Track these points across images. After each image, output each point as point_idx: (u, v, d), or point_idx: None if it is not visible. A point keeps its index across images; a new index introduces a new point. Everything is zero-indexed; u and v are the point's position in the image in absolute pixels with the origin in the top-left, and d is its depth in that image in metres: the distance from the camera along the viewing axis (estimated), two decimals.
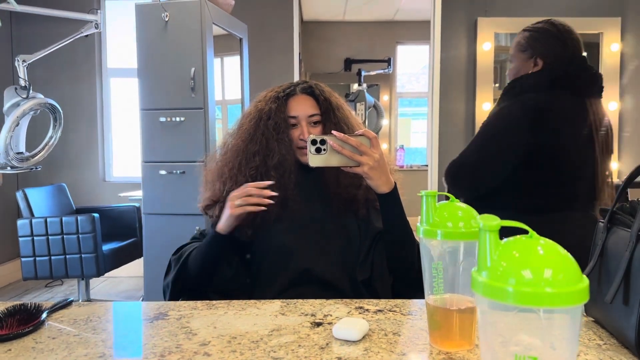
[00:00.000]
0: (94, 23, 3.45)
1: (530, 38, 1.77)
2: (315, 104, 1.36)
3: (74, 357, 0.80)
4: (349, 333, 0.85)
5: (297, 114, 1.34)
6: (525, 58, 1.78)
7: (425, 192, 0.82)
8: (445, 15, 3.97)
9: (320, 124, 1.35)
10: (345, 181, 1.30)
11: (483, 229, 0.52)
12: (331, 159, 1.14)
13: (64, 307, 1.04)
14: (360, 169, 1.14)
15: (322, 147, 1.13)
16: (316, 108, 1.35)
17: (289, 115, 1.34)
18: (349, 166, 1.14)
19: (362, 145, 1.13)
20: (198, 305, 1.04)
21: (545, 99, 1.65)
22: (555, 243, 0.52)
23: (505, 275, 0.50)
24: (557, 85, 1.65)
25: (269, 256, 1.29)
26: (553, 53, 1.72)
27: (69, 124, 4.26)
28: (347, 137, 1.13)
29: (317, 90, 1.37)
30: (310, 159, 1.14)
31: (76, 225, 3.21)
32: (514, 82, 1.77)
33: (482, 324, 0.55)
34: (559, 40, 1.73)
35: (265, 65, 4.28)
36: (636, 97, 3.99)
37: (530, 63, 1.76)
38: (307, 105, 1.35)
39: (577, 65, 1.71)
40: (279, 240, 1.29)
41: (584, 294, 0.49)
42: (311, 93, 1.37)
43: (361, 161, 1.13)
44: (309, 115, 1.34)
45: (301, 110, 1.34)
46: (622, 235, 0.83)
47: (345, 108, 1.40)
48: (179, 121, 2.86)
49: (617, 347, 0.81)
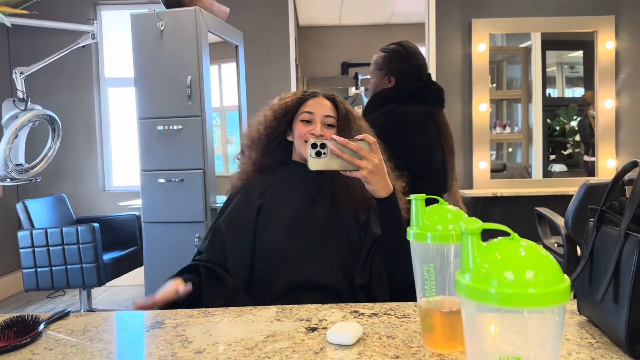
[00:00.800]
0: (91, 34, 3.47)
1: (385, 58, 2.07)
2: (334, 108, 1.40)
3: None
4: (342, 337, 0.85)
5: (314, 110, 1.38)
6: (381, 75, 2.08)
7: (414, 195, 0.83)
8: (439, 17, 3.99)
9: (334, 128, 1.38)
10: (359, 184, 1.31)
11: (465, 232, 0.53)
12: (331, 162, 1.15)
13: (62, 318, 1.05)
14: (359, 173, 1.15)
15: (322, 150, 1.14)
16: (334, 111, 1.40)
17: (305, 111, 1.38)
18: (349, 170, 1.15)
19: (361, 150, 1.14)
20: (194, 313, 1.05)
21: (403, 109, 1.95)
22: (537, 244, 0.53)
23: (488, 277, 0.51)
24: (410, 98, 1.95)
25: (269, 259, 1.30)
26: (403, 72, 2.04)
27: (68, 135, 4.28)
28: (347, 141, 1.14)
29: (338, 99, 1.43)
30: (310, 163, 1.15)
31: (77, 236, 3.22)
32: (376, 96, 2.08)
33: (467, 326, 0.55)
34: (407, 61, 2.04)
35: (263, 71, 4.29)
36: (632, 94, 4.00)
37: (385, 80, 2.07)
38: (326, 106, 1.40)
39: (425, 82, 2.06)
40: (279, 244, 1.30)
41: (565, 294, 0.49)
42: (332, 100, 1.43)
43: (361, 165, 1.14)
44: (325, 115, 1.38)
45: (318, 108, 1.39)
46: (611, 233, 0.84)
47: (364, 124, 1.44)
48: (177, 129, 2.87)
49: (609, 345, 0.82)
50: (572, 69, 4.60)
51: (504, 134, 4.41)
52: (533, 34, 4.19)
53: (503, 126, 4.40)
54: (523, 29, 4.14)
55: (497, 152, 4.49)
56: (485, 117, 4.05)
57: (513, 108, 4.56)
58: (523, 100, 4.39)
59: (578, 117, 4.35)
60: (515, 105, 4.53)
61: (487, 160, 4.05)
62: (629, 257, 0.76)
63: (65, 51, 3.49)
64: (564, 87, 4.61)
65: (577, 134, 4.39)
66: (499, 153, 4.53)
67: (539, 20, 4.03)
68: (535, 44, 4.22)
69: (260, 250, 1.31)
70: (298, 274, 1.27)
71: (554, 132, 4.43)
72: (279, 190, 1.37)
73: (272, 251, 1.30)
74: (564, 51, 4.58)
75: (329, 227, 1.32)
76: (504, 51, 4.54)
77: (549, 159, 4.41)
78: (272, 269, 1.29)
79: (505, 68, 4.63)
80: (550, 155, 4.43)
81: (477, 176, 4.04)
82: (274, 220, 1.32)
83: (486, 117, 4.06)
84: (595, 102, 4.06)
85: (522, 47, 4.40)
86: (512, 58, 4.56)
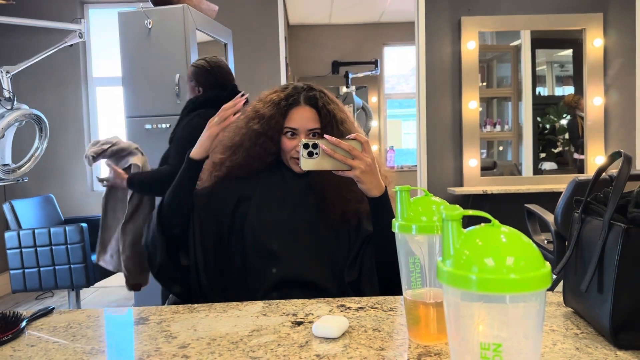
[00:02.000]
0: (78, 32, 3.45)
1: (193, 72, 2.42)
2: (317, 117, 1.34)
3: None
4: (328, 330, 0.85)
5: (298, 126, 1.33)
6: (192, 86, 2.44)
7: (400, 187, 0.83)
8: (429, 15, 3.99)
9: (319, 135, 1.34)
10: (349, 195, 1.30)
11: (446, 219, 0.53)
12: (323, 163, 1.14)
13: (45, 315, 1.04)
14: (352, 172, 1.14)
15: (315, 151, 1.13)
16: (317, 122, 1.34)
17: (289, 127, 1.34)
18: (341, 170, 1.14)
19: (354, 149, 1.13)
20: (179, 309, 1.04)
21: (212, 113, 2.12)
22: (518, 231, 0.52)
23: (469, 264, 0.50)
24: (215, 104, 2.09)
25: (255, 259, 1.29)
26: (208, 83, 2.40)
27: (55, 134, 4.24)
28: (339, 141, 1.13)
29: (320, 102, 1.35)
30: (302, 163, 1.14)
31: (64, 236, 3.18)
32: (188, 103, 2.40)
33: (449, 314, 0.55)
34: (210, 74, 2.41)
35: (252, 69, 4.28)
36: (620, 91, 4.03)
37: (196, 89, 2.42)
38: (309, 119, 1.34)
39: (229, 90, 2.38)
40: (267, 244, 1.29)
41: (546, 279, 0.49)
42: (314, 104, 1.35)
43: (353, 165, 1.13)
44: (309, 129, 1.34)
45: (302, 122, 1.33)
46: (596, 224, 0.84)
47: (349, 121, 1.39)
48: (165, 128, 2.85)
49: (594, 335, 0.82)
50: (562, 68, 4.63)
51: (495, 132, 4.42)
52: (523, 33, 4.20)
53: (493, 124, 4.42)
54: (512, 27, 4.16)
55: (487, 150, 4.50)
56: (475, 115, 4.06)
57: (503, 106, 4.57)
58: (513, 98, 4.40)
59: (568, 115, 4.37)
60: (505, 103, 4.55)
61: (478, 157, 4.06)
62: (613, 247, 0.76)
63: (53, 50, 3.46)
64: (554, 85, 4.63)
65: (566, 132, 4.41)
66: (489, 151, 4.54)
67: (528, 18, 4.05)
68: (525, 43, 4.23)
69: (248, 250, 1.30)
70: (285, 273, 1.26)
71: (544, 130, 4.45)
72: (268, 191, 1.36)
73: (259, 251, 1.29)
74: (553, 50, 4.60)
75: (317, 227, 1.31)
76: (494, 50, 4.56)
77: (539, 156, 4.43)
78: (260, 268, 1.28)
79: (496, 67, 4.65)
80: (540, 153, 4.45)
81: (468, 174, 4.05)
82: (262, 221, 1.31)
83: (476, 115, 4.07)
84: (584, 100, 4.08)
85: (512, 46, 4.41)
86: (502, 57, 4.58)
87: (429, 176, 4.08)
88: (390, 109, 6.94)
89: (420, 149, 4.08)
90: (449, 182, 4.09)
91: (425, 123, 4.05)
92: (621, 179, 0.80)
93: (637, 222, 0.75)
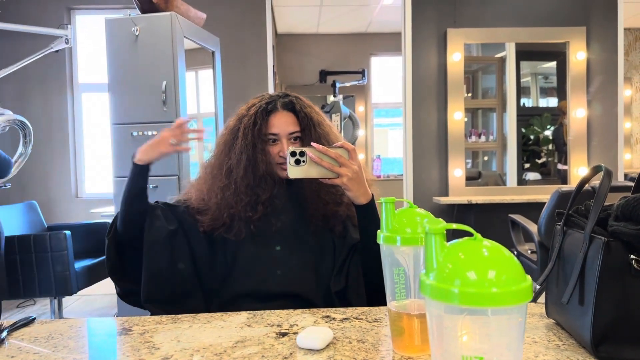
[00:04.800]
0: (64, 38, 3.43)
1: None
2: (296, 120, 1.35)
3: None
4: (312, 342, 0.84)
5: (278, 131, 1.33)
6: None
7: (384, 198, 0.83)
8: (415, 26, 4.03)
9: (299, 140, 1.35)
10: (327, 197, 1.30)
11: (429, 232, 0.53)
12: (310, 170, 1.14)
13: (26, 325, 1.02)
14: (339, 180, 1.15)
15: (302, 159, 1.14)
16: (296, 125, 1.35)
17: (270, 132, 1.34)
18: (328, 177, 1.15)
19: (340, 157, 1.14)
20: (163, 319, 1.03)
21: None
22: (500, 245, 0.53)
23: (451, 277, 0.51)
24: None
25: (240, 270, 1.28)
26: None
27: (40, 140, 4.20)
28: (326, 149, 1.14)
29: (297, 106, 1.36)
30: (290, 171, 1.14)
31: (48, 243, 3.14)
32: None
33: (432, 327, 0.55)
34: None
35: (240, 78, 4.28)
36: (603, 103, 4.09)
37: None
38: (288, 123, 1.34)
39: None
40: (251, 254, 1.28)
41: (527, 293, 0.50)
42: (292, 109, 1.36)
43: (340, 173, 1.14)
44: (289, 133, 1.34)
45: (282, 127, 1.33)
46: (577, 237, 0.85)
47: (326, 124, 1.39)
48: (151, 135, 2.83)
49: (575, 347, 0.83)
50: (547, 80, 4.69)
51: (480, 142, 4.47)
52: (507, 45, 4.26)
53: (478, 135, 4.46)
54: (497, 39, 4.22)
55: (472, 160, 4.54)
56: (460, 125, 4.10)
57: (488, 117, 4.62)
58: (498, 109, 4.45)
59: (552, 126, 4.43)
60: (490, 114, 4.59)
61: (463, 167, 4.09)
62: (594, 260, 0.78)
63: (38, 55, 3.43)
64: (539, 97, 4.70)
65: (550, 143, 4.47)
66: (474, 161, 4.58)
67: (513, 31, 4.11)
68: (510, 55, 4.29)
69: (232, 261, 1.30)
70: (270, 284, 1.26)
71: (529, 141, 4.51)
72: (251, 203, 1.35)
73: (243, 260, 1.29)
74: (538, 62, 4.67)
75: (302, 236, 1.31)
76: (479, 61, 4.61)
77: (523, 167, 4.48)
78: (244, 280, 1.27)
79: (481, 78, 4.70)
80: (524, 163, 4.50)
81: (453, 183, 4.08)
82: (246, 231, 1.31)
83: (461, 126, 4.11)
84: (568, 112, 4.14)
85: (497, 58, 4.47)
86: (487, 68, 4.63)
87: (415, 185, 4.10)
88: (378, 118, 6.98)
89: (407, 159, 4.11)
90: (435, 191, 4.12)
91: (411, 133, 4.07)
92: (602, 193, 0.81)
93: (618, 235, 0.76)
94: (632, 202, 0.76)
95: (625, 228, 0.75)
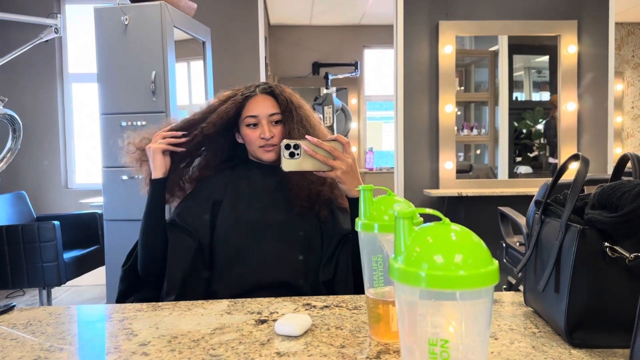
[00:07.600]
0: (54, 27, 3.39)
1: None
2: (276, 104, 1.35)
3: None
4: (290, 328, 0.85)
5: (257, 113, 1.33)
6: None
7: (362, 186, 0.83)
8: (407, 18, 4.02)
9: (281, 123, 1.35)
10: (311, 177, 1.30)
11: (398, 216, 0.53)
12: (304, 163, 1.15)
13: (5, 312, 1.02)
14: (333, 173, 1.15)
15: (296, 151, 1.14)
16: (276, 107, 1.35)
17: (249, 115, 1.34)
18: (322, 170, 1.15)
19: (335, 150, 1.15)
20: (143, 307, 1.03)
21: None
22: (468, 229, 0.53)
23: (419, 261, 0.51)
24: None
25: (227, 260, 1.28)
26: None
27: (30, 131, 4.17)
28: (321, 142, 1.15)
29: (277, 90, 1.37)
30: (284, 164, 1.14)
31: (37, 234, 3.13)
32: None
33: (401, 310, 0.55)
34: None
35: (231, 69, 4.26)
36: (594, 97, 4.10)
37: None
38: (267, 105, 1.35)
39: None
40: (236, 244, 1.28)
41: (494, 276, 0.50)
42: (271, 93, 1.37)
43: (334, 165, 1.15)
44: (269, 114, 1.34)
45: (261, 109, 1.34)
46: (555, 225, 0.85)
47: (306, 108, 1.39)
48: (141, 125, 2.82)
49: (551, 334, 0.84)
50: (540, 74, 4.70)
51: (472, 135, 4.47)
52: (500, 38, 4.26)
53: (470, 128, 4.46)
54: (489, 32, 4.21)
55: (464, 153, 4.55)
56: (451, 118, 4.10)
57: (481, 110, 4.62)
58: (490, 103, 4.46)
59: (544, 120, 4.44)
60: (482, 107, 4.60)
61: (453, 160, 4.09)
62: (569, 247, 0.78)
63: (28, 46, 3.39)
64: (531, 90, 4.70)
65: (542, 137, 4.48)
66: (466, 154, 4.59)
67: (505, 24, 4.10)
68: (502, 48, 4.29)
69: (219, 250, 1.29)
70: (257, 273, 1.26)
71: (520, 135, 4.52)
72: (237, 190, 1.36)
73: (230, 251, 1.28)
74: (530, 55, 4.67)
75: (289, 225, 1.31)
76: (472, 54, 4.61)
77: (514, 160, 4.49)
78: (231, 269, 1.27)
79: (473, 71, 4.70)
80: (516, 157, 4.51)
81: (443, 176, 4.09)
82: (233, 221, 1.31)
83: (452, 118, 4.11)
84: (558, 105, 4.15)
85: (489, 51, 4.47)
86: (480, 61, 4.63)
87: (406, 178, 4.10)
88: (371, 111, 6.97)
89: (398, 151, 4.11)
90: (425, 184, 4.12)
91: (402, 125, 4.07)
92: (578, 181, 0.81)
93: (593, 223, 0.76)
94: (607, 190, 0.76)
95: (600, 216, 0.75)
